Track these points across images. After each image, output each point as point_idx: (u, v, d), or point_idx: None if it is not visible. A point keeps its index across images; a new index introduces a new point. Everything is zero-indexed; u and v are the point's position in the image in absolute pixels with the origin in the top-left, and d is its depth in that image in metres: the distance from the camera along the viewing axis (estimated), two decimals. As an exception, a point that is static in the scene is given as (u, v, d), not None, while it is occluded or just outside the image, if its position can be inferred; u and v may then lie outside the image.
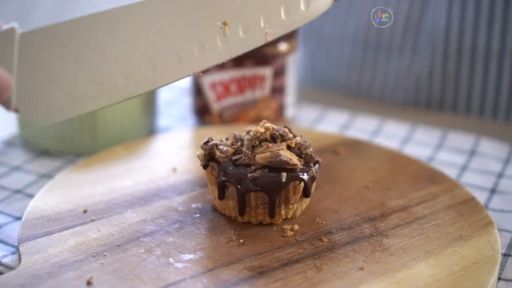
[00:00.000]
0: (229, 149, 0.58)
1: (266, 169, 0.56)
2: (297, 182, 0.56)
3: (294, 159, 0.57)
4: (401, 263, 0.53)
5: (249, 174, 0.56)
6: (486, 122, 0.84)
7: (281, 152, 0.56)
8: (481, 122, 0.84)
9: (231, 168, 0.57)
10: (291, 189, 0.56)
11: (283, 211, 0.57)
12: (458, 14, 0.82)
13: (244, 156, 0.57)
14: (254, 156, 0.57)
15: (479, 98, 0.84)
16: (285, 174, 0.55)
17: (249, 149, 0.57)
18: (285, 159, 0.56)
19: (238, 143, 0.59)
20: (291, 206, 0.58)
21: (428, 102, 0.88)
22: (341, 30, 0.90)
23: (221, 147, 0.59)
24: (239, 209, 0.57)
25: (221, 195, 0.58)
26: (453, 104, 0.86)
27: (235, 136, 0.60)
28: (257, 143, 0.58)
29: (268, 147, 0.57)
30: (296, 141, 0.58)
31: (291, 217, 0.58)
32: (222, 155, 0.58)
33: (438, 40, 0.84)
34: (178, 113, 0.84)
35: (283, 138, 0.58)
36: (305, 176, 0.56)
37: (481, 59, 0.83)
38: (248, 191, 0.56)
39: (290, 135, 0.59)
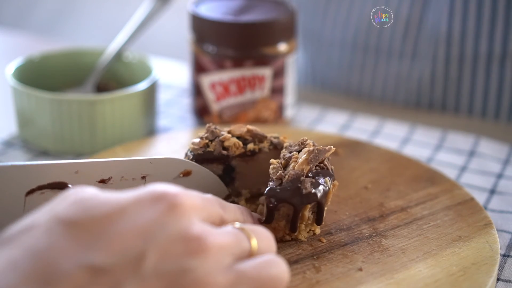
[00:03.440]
0: (201, 140, 0.58)
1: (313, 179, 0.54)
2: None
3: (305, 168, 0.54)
4: (400, 263, 0.53)
5: (304, 190, 0.53)
6: (488, 123, 0.84)
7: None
8: (483, 123, 0.84)
9: (279, 188, 0.53)
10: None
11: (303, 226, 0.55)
12: (460, 17, 0.81)
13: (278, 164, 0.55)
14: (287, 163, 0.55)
15: (481, 102, 0.84)
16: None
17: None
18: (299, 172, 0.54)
19: (207, 134, 0.59)
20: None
21: (430, 106, 0.87)
22: (341, 34, 0.89)
23: (195, 140, 0.59)
24: (291, 226, 0.54)
25: (270, 219, 0.53)
26: (455, 108, 0.86)
27: (209, 127, 0.60)
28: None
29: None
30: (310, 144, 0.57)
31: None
32: (195, 147, 0.58)
33: (439, 44, 0.84)
34: (178, 113, 0.84)
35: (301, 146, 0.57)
36: (319, 195, 0.53)
37: (483, 63, 0.82)
38: (305, 203, 0.53)
39: (307, 140, 0.58)
